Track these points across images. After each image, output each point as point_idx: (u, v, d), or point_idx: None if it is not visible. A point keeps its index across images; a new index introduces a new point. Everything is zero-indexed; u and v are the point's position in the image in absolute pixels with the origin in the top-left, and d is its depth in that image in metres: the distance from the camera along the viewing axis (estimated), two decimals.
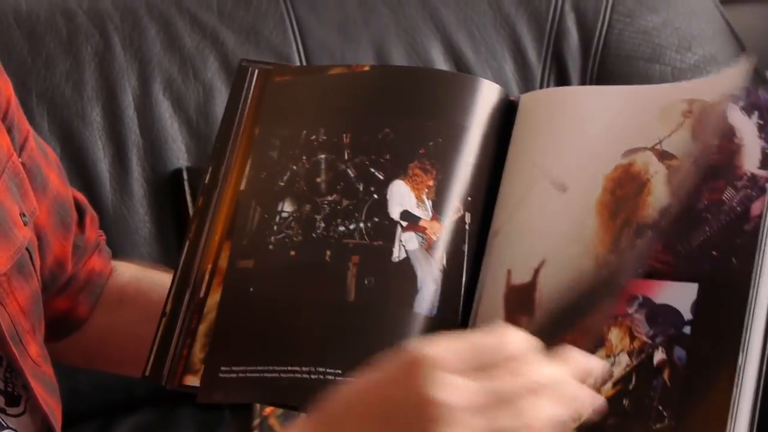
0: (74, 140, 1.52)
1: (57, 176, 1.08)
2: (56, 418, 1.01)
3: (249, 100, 0.97)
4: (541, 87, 1.63)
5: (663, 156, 0.88)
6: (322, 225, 0.93)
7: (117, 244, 1.48)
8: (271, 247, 0.93)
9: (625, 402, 0.84)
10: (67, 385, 1.42)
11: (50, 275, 1.07)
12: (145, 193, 1.54)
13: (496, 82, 0.96)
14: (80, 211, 1.11)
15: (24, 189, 1.01)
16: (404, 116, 0.94)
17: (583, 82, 1.64)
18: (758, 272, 0.83)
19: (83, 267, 1.11)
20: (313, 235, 0.93)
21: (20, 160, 1.02)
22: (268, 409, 1.43)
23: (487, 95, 0.94)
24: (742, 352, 0.82)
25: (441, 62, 1.61)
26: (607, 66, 1.65)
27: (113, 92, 1.53)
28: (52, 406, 1.01)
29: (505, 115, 0.94)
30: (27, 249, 0.99)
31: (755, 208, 0.84)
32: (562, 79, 1.64)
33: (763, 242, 0.84)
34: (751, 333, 0.82)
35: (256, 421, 1.42)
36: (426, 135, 0.93)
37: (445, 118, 0.93)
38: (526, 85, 1.63)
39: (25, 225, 0.99)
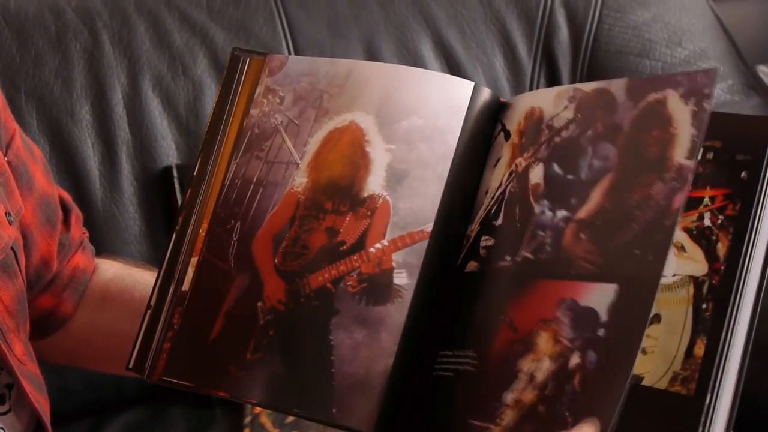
0: (63, 138, 1.51)
1: (43, 175, 1.08)
2: (46, 415, 1.01)
3: (240, 90, 0.96)
4: (531, 83, 1.63)
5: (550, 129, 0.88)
6: None
7: (107, 243, 1.47)
8: None
9: (540, 408, 0.82)
10: (57, 384, 1.42)
11: (36, 274, 1.07)
12: (135, 191, 1.53)
13: (487, 78, 0.95)
14: (65, 210, 1.11)
15: (9, 188, 1.01)
16: None
17: (573, 78, 1.64)
18: (738, 303, 0.80)
19: (67, 264, 1.11)
20: None
21: (6, 158, 1.02)
22: (259, 407, 1.43)
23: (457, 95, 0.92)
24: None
25: (431, 58, 1.61)
26: (597, 61, 1.64)
27: (102, 90, 1.53)
28: (41, 403, 1.01)
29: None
30: (12, 248, 0.99)
31: (676, 200, 0.80)
32: (553, 75, 1.64)
33: (748, 275, 0.81)
34: (724, 368, 0.80)
35: (247, 419, 1.42)
36: None
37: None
38: (517, 81, 1.63)
39: (10, 224, 0.98)
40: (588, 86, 0.88)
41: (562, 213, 0.85)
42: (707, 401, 0.80)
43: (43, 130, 1.50)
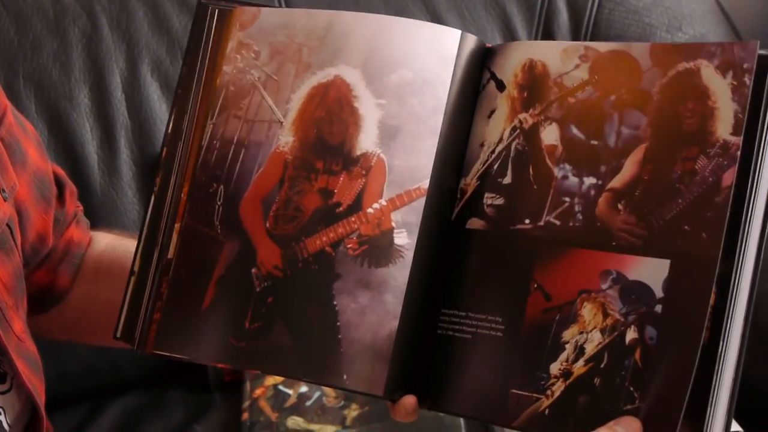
0: (62, 122, 1.51)
1: (36, 151, 1.08)
2: (40, 396, 1.00)
3: (210, 45, 0.91)
4: None
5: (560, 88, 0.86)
6: None
7: (106, 227, 1.47)
8: None
9: (596, 380, 0.81)
10: (56, 368, 1.42)
11: (32, 250, 1.06)
12: (134, 176, 1.53)
13: None
14: (59, 185, 1.11)
15: (3, 164, 1.00)
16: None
17: None
18: (744, 249, 0.79)
19: (62, 238, 1.11)
20: None
21: None
22: (258, 391, 1.43)
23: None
24: (710, 332, 0.79)
25: None
26: None
27: (101, 74, 1.52)
28: (35, 383, 1.00)
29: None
30: (8, 225, 0.98)
31: (726, 178, 0.79)
32: None
33: (752, 219, 0.80)
34: (732, 315, 0.79)
35: (246, 403, 1.42)
36: None
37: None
38: None
39: (4, 200, 0.98)
40: (602, 46, 0.86)
41: (590, 180, 0.84)
42: (720, 348, 0.79)
43: (42, 114, 1.50)
